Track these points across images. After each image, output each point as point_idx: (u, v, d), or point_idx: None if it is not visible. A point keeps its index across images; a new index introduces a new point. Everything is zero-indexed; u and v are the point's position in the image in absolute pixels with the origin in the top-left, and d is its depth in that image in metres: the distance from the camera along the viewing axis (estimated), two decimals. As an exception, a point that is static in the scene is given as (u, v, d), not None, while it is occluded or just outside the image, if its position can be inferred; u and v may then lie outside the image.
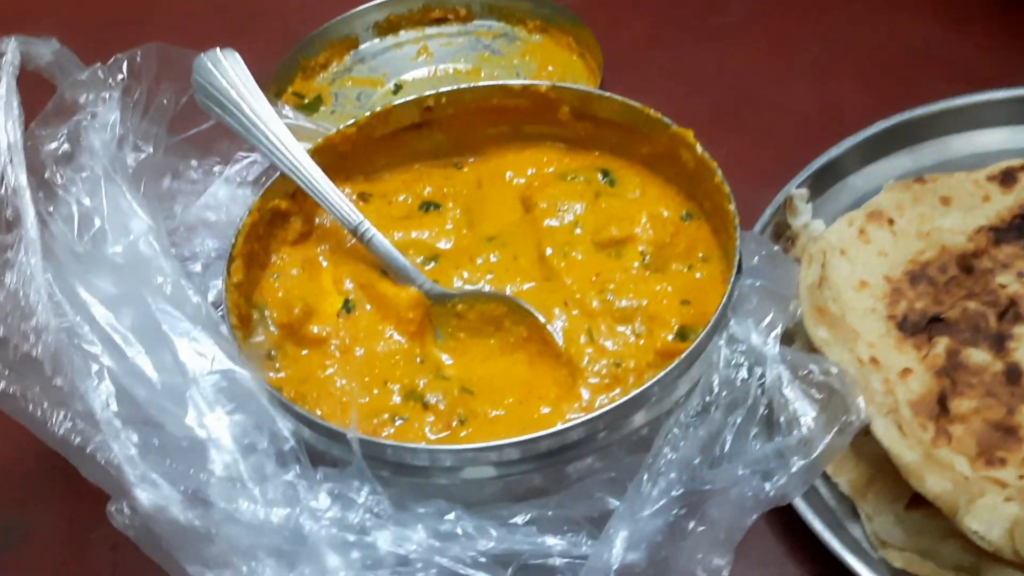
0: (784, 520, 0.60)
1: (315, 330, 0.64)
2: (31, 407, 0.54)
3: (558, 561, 0.54)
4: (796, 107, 0.86)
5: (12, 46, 0.58)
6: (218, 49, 0.66)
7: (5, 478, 0.71)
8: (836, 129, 0.77)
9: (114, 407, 0.54)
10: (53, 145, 0.60)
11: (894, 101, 0.79)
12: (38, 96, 0.63)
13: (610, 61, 0.86)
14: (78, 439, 0.54)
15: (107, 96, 0.63)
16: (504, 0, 0.92)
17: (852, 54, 0.89)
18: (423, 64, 0.92)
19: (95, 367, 0.55)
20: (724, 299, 0.57)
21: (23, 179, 0.55)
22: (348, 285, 0.66)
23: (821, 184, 0.73)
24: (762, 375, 0.56)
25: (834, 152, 0.74)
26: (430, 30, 0.94)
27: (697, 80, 0.90)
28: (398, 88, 0.90)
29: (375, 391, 0.62)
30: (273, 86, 0.88)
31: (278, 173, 0.66)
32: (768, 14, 0.94)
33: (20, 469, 0.70)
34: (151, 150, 0.66)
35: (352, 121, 0.69)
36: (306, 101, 0.90)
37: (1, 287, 0.54)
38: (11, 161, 0.55)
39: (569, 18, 0.89)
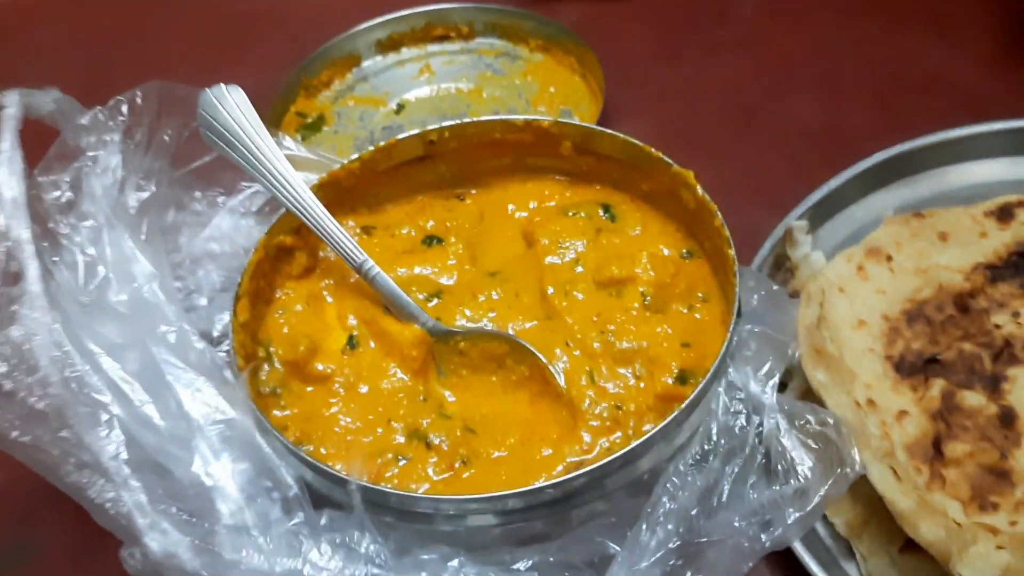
0: (780, 558, 0.61)
1: (320, 367, 0.65)
2: (43, 456, 0.55)
3: (559, 607, 0.55)
4: (798, 127, 0.85)
5: (14, 100, 0.59)
6: (223, 85, 0.66)
7: (12, 496, 0.71)
8: (838, 151, 0.77)
9: (124, 455, 0.55)
10: (56, 193, 0.61)
11: (897, 123, 0.79)
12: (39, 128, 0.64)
13: (612, 79, 0.86)
14: (90, 488, 0.55)
15: (108, 139, 0.63)
16: (506, 18, 0.92)
17: (855, 73, 0.89)
18: (425, 83, 0.91)
19: (104, 416, 0.56)
20: (724, 347, 0.58)
21: (26, 233, 0.56)
22: (352, 321, 0.67)
23: (820, 215, 0.73)
24: (760, 423, 0.57)
25: (834, 183, 0.74)
26: (432, 47, 0.93)
27: (699, 99, 0.89)
28: (400, 108, 0.90)
29: (379, 430, 0.62)
30: (276, 105, 0.88)
31: (283, 209, 0.67)
32: (770, 31, 0.94)
33: (27, 487, 0.68)
34: (154, 188, 0.66)
35: (356, 156, 0.70)
36: (309, 120, 0.90)
37: (7, 340, 0.55)
38: (15, 215, 0.56)
39: (571, 38, 0.89)
